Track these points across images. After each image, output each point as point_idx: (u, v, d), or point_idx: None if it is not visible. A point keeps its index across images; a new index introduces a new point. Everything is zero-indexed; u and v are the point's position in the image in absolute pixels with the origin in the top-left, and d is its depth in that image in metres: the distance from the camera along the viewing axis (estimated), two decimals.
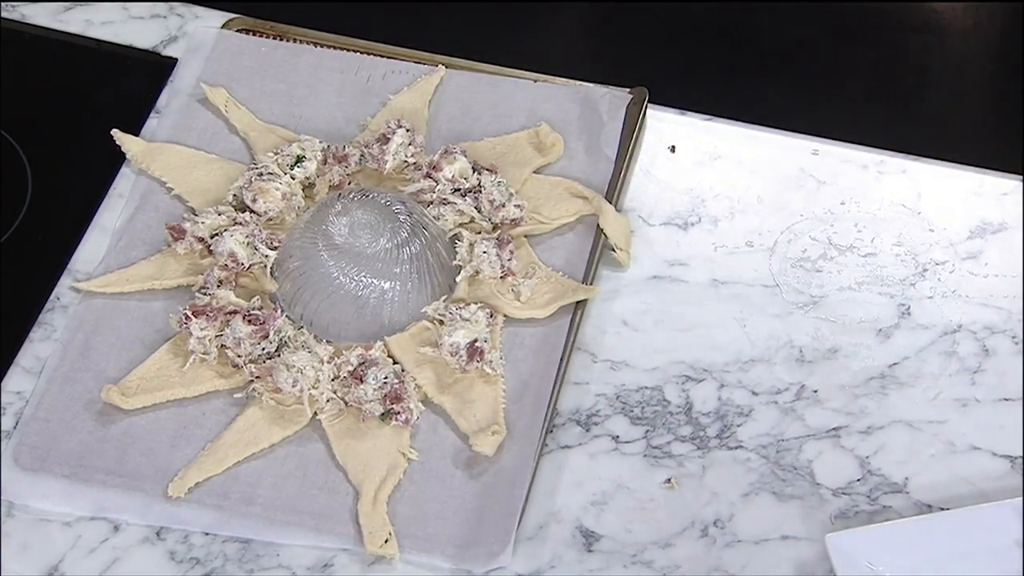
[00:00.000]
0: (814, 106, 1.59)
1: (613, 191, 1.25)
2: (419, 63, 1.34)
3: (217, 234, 1.21)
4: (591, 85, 1.32)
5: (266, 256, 1.20)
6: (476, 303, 1.18)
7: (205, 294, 1.18)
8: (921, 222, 1.25)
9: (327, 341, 1.17)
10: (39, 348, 1.20)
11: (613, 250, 1.23)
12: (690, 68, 1.63)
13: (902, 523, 1.08)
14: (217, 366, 1.17)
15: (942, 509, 1.11)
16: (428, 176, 1.23)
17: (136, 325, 1.20)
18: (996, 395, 1.16)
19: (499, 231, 1.22)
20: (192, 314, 1.16)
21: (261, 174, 1.24)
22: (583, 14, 1.73)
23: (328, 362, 1.15)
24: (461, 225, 1.22)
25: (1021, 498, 1.08)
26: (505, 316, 1.19)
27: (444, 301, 1.19)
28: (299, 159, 1.25)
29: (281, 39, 1.36)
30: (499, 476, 1.12)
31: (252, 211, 1.23)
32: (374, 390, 1.13)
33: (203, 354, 1.16)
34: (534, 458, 1.12)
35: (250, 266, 1.20)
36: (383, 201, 1.18)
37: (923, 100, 1.65)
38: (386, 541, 1.09)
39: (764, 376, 1.18)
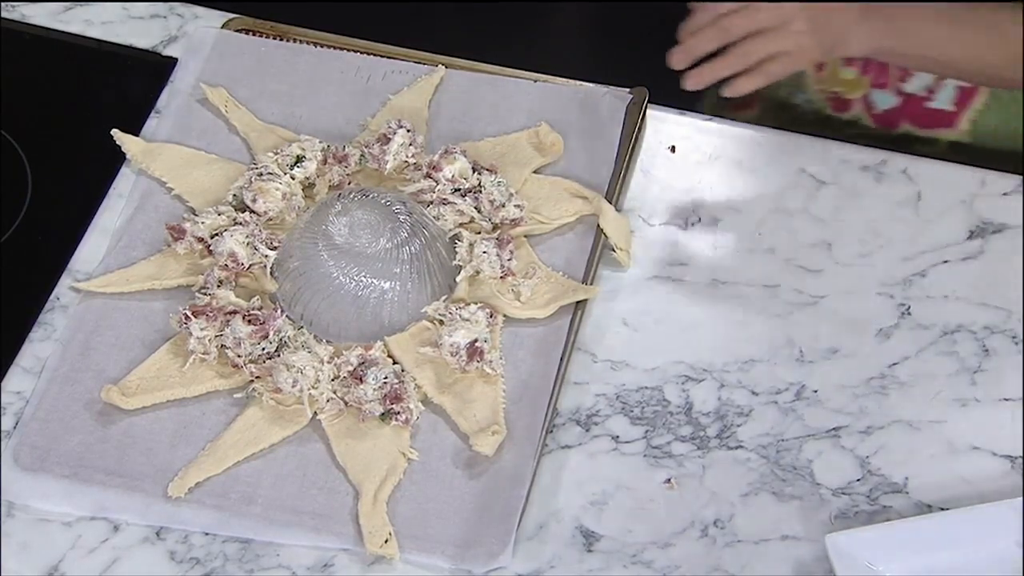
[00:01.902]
0: None
1: (613, 191, 1.25)
2: (419, 63, 1.34)
3: (217, 234, 1.21)
4: (591, 85, 1.32)
5: (266, 256, 1.20)
6: (476, 303, 1.18)
7: (205, 294, 1.18)
8: (921, 222, 1.25)
9: (327, 341, 1.17)
10: (39, 348, 1.20)
11: (613, 250, 1.23)
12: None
13: (902, 523, 1.08)
14: (217, 366, 1.17)
15: (942, 509, 1.11)
16: (428, 176, 1.23)
17: (136, 325, 1.20)
18: (996, 395, 1.16)
19: (499, 231, 1.22)
20: (192, 314, 1.16)
21: (261, 174, 1.23)
22: (583, 14, 1.73)
23: (328, 362, 1.15)
24: (461, 225, 1.22)
25: (1021, 498, 1.08)
26: (505, 316, 1.19)
27: (444, 301, 1.18)
28: (299, 159, 1.25)
29: (281, 39, 1.36)
30: (499, 476, 1.12)
31: (252, 211, 1.23)
32: (374, 390, 1.13)
33: (203, 354, 1.16)
34: (534, 458, 1.12)
35: (250, 266, 1.20)
36: (383, 201, 1.18)
37: None
38: (386, 541, 1.09)
39: (764, 376, 1.18)
